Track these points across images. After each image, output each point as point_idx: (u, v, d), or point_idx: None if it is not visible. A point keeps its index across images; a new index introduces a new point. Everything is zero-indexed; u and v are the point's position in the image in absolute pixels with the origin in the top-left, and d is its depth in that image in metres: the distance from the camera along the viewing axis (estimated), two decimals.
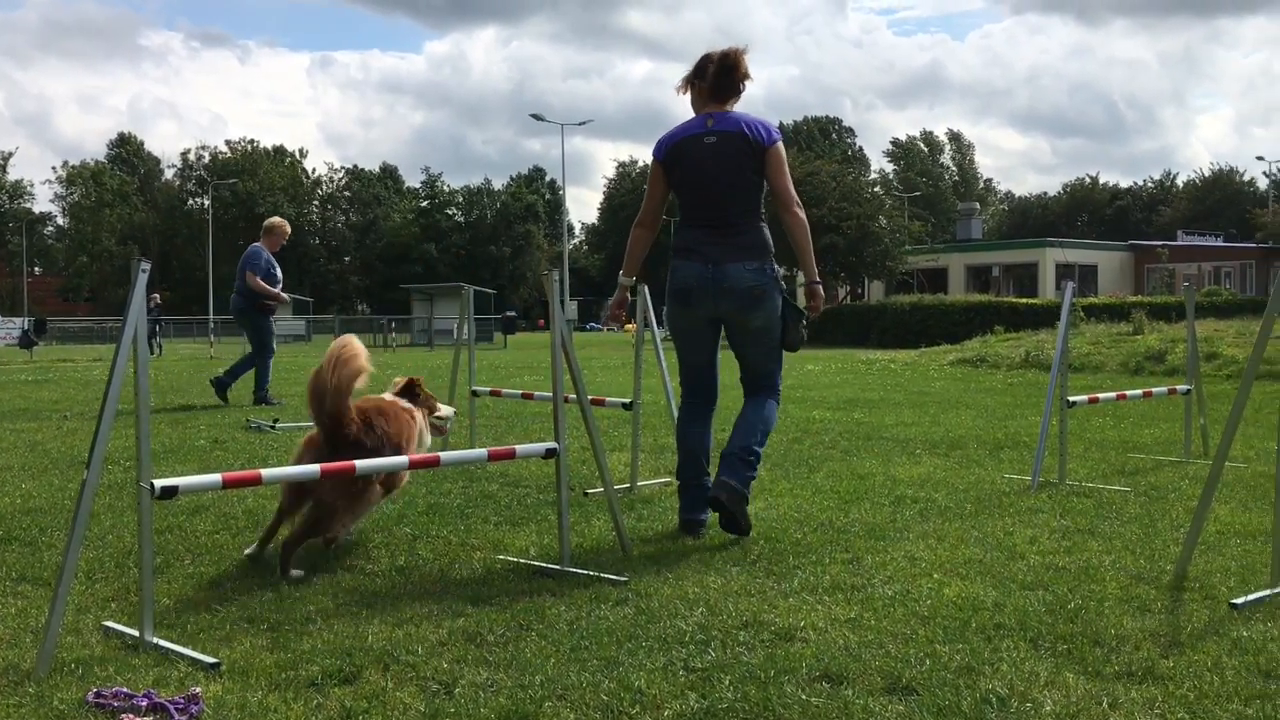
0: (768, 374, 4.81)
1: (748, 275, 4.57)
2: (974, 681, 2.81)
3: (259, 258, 11.33)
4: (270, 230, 11.74)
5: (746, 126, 4.59)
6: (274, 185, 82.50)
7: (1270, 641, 3.11)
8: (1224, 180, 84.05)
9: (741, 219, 4.63)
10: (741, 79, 4.69)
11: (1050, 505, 5.24)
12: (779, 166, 4.58)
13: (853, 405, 10.79)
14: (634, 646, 3.10)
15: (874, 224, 40.77)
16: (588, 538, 4.60)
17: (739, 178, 4.59)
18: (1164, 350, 15.12)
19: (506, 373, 18.29)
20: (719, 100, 4.68)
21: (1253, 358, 3.70)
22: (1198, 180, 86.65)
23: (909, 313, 32.16)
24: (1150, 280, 45.64)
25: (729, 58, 4.66)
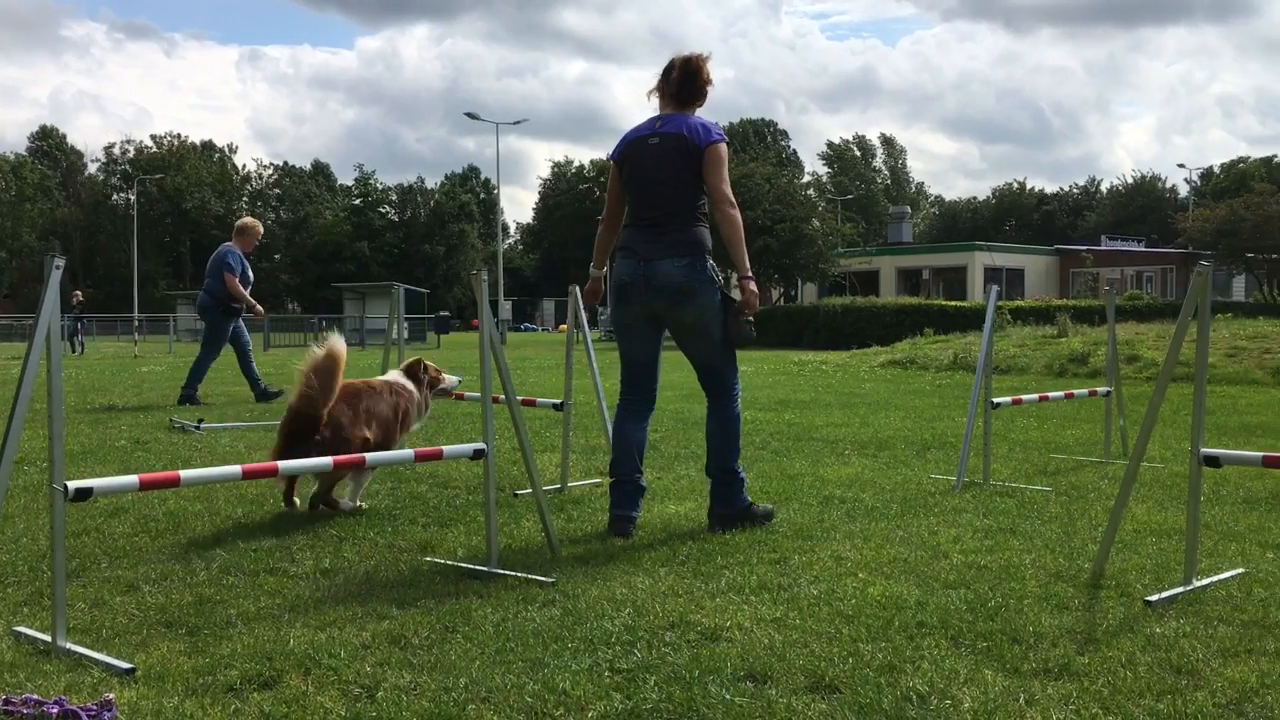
0: (717, 372, 4.87)
1: (676, 272, 4.64)
2: (895, 679, 2.85)
3: (235, 259, 11.21)
4: (243, 231, 11.62)
5: (688, 128, 4.67)
6: (202, 181, 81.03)
7: (1183, 638, 3.19)
8: (1146, 186, 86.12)
9: (676, 217, 4.68)
10: (704, 85, 4.80)
11: (974, 505, 5.32)
12: (713, 166, 4.63)
13: (784, 406, 10.87)
14: (560, 648, 3.09)
15: (807, 226, 41.10)
16: (516, 539, 4.58)
17: (676, 177, 4.66)
18: (1087, 353, 15.45)
19: None
20: (681, 105, 4.80)
21: (1167, 361, 3.80)
22: (1121, 186, 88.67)
23: (841, 315, 32.48)
24: (1075, 284, 46.61)
25: (690, 64, 4.77)
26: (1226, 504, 5.32)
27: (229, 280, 11.03)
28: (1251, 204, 41.36)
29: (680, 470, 6.51)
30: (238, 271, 11.13)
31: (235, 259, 11.17)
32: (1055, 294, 44.14)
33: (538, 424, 8.82)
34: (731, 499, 4.82)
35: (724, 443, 4.85)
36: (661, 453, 7.27)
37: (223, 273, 11.07)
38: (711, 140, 4.65)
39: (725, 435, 4.86)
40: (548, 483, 5.97)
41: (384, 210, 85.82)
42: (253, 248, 11.52)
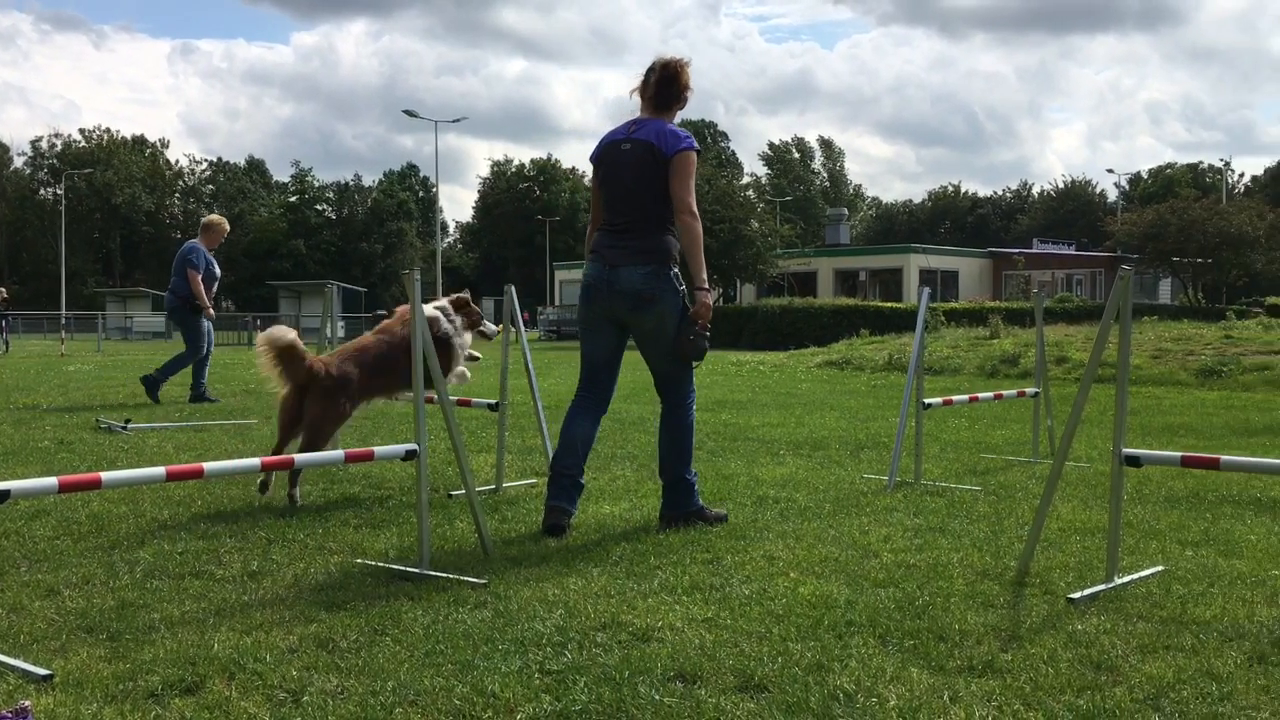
0: (673, 380, 4.90)
1: (638, 279, 4.69)
2: (823, 678, 2.87)
3: (199, 256, 11.10)
4: (208, 228, 11.51)
5: (658, 135, 4.71)
6: (132, 176, 79.46)
7: (1103, 634, 3.26)
8: (1077, 191, 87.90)
9: (642, 224, 4.74)
10: (682, 89, 4.84)
11: (905, 504, 5.39)
12: (678, 174, 4.66)
13: (721, 407, 10.92)
14: (490, 650, 3.08)
15: (746, 227, 41.33)
16: (450, 540, 4.55)
17: (643, 185, 4.71)
18: (1018, 354, 15.72)
19: None
20: (660, 109, 4.84)
21: (1090, 363, 3.88)
22: (1052, 191, 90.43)
23: (779, 315, 32.72)
24: (1008, 286, 47.41)
25: (669, 68, 4.81)
26: (1149, 503, 5.45)
27: (191, 277, 10.95)
28: (1177, 209, 42.37)
29: (616, 471, 6.52)
30: (201, 269, 11.05)
31: (199, 256, 11.10)
32: (988, 296, 44.85)
33: (474, 424, 8.77)
34: (682, 503, 4.85)
35: (676, 450, 4.88)
36: (598, 453, 7.26)
37: (185, 270, 11.00)
38: (678, 149, 4.67)
39: (678, 442, 4.89)
40: (482, 483, 5.94)
41: (321, 208, 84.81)
42: (218, 245, 11.45)
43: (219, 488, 5.61)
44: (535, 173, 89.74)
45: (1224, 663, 2.99)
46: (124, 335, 47.16)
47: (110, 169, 78.43)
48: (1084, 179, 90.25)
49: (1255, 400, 11.47)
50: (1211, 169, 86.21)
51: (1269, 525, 4.87)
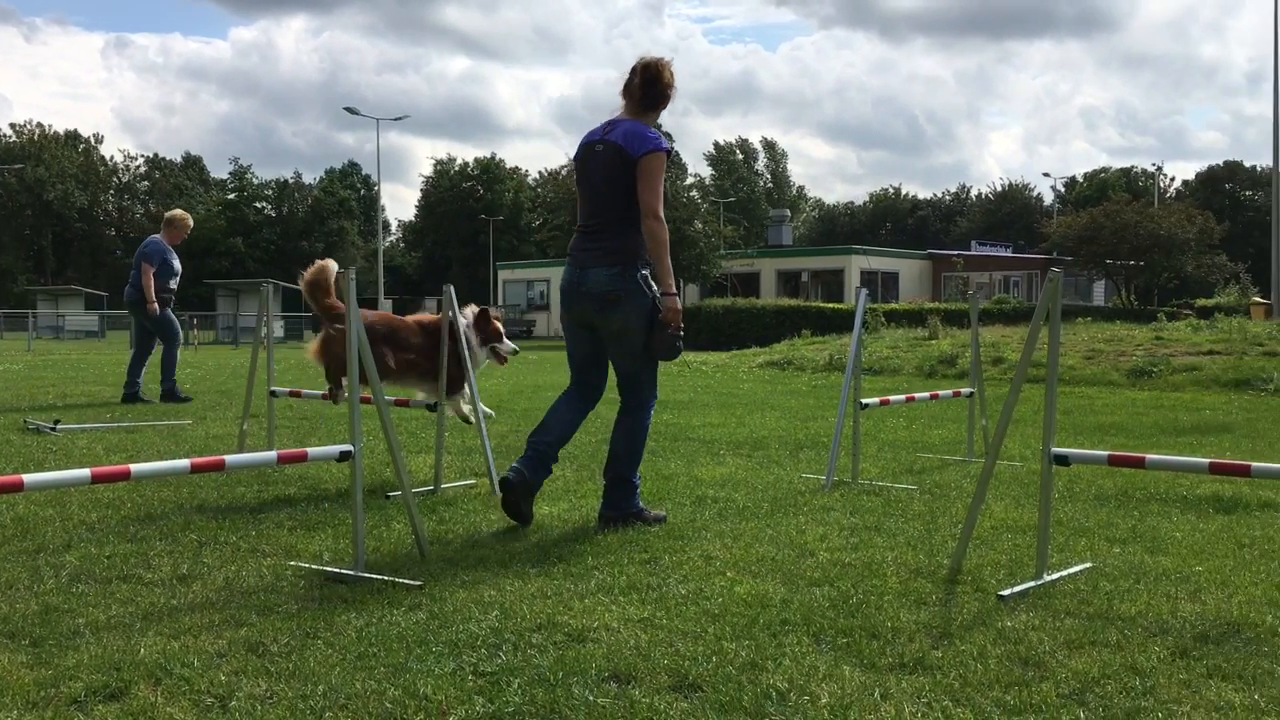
0: (635, 382, 4.91)
1: (604, 280, 4.72)
2: (757, 677, 2.89)
3: (156, 251, 10.99)
4: (171, 223, 11.38)
5: (627, 137, 4.71)
6: (65, 172, 77.77)
7: (1031, 631, 3.31)
8: (1014, 194, 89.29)
9: (611, 226, 4.75)
10: (665, 89, 4.84)
11: (842, 504, 5.43)
12: (644, 177, 4.66)
13: (662, 407, 10.93)
14: (423, 652, 3.06)
15: (690, 228, 41.43)
16: (386, 541, 4.51)
17: (611, 186, 4.72)
18: (955, 354, 15.93)
19: (315, 372, 17.71)
20: (643, 109, 4.85)
21: (1020, 364, 3.94)
22: (990, 194, 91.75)
23: (722, 316, 32.86)
24: (947, 287, 48.05)
25: (650, 69, 4.82)
26: (1079, 501, 5.55)
27: (144, 272, 10.86)
28: (1110, 212, 43.21)
29: (556, 471, 6.47)
30: (155, 264, 10.96)
31: (156, 252, 11.02)
32: (928, 297, 45.42)
33: (413, 424, 8.71)
34: (623, 504, 4.86)
35: (626, 451, 4.88)
36: None
37: (140, 264, 10.94)
38: (644, 151, 4.66)
39: (629, 445, 4.89)
40: (421, 484, 5.90)
41: (260, 205, 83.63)
42: (180, 240, 11.35)
43: (150, 490, 5.51)
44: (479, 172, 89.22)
45: (1147, 658, 3.05)
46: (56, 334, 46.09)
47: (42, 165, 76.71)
48: (1021, 182, 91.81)
49: (1184, 400, 11.73)
50: (1144, 173, 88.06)
51: (1194, 522, 4.98)
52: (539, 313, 53.69)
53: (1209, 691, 2.80)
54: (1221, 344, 14.81)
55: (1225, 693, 2.79)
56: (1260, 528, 4.86)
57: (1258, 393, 12.19)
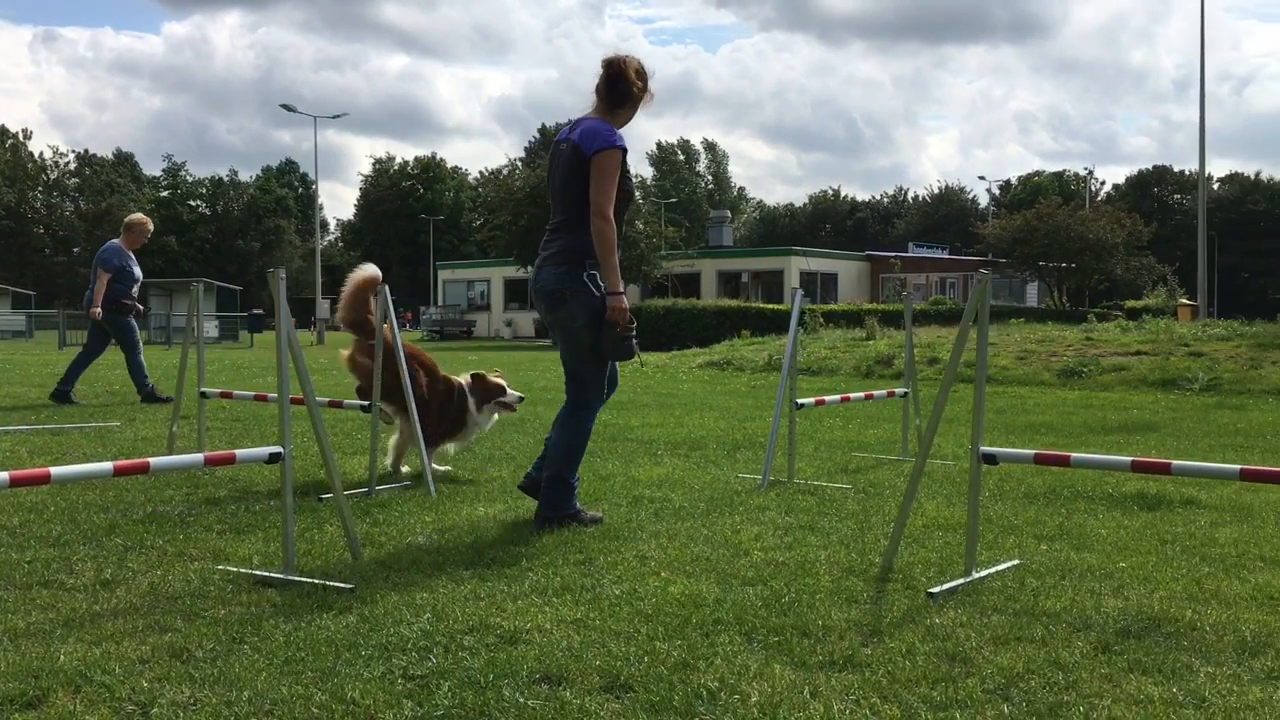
0: (580, 381, 4.91)
1: (553, 278, 4.75)
2: (688, 677, 2.89)
3: (113, 257, 10.88)
4: (130, 227, 11.27)
5: (584, 135, 4.71)
6: None
7: (959, 627, 3.35)
8: (950, 196, 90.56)
9: (568, 225, 4.76)
10: (630, 87, 4.81)
11: (777, 503, 5.47)
12: (594, 175, 4.65)
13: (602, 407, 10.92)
14: (353, 656, 3.02)
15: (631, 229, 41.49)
16: (318, 544, 4.46)
17: (569, 185, 4.73)
18: (892, 355, 16.11)
19: (250, 373, 17.50)
20: (610, 107, 4.84)
21: (950, 365, 3.99)
22: (927, 196, 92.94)
23: (663, 316, 32.92)
24: (885, 289, 48.59)
25: (612, 66, 4.82)
26: (1009, 499, 5.63)
27: (100, 278, 10.78)
28: (1043, 215, 43.98)
29: (493, 472, 6.47)
30: (112, 269, 10.86)
31: (114, 257, 10.92)
32: (866, 298, 45.87)
33: (349, 425, 8.62)
34: (559, 504, 4.84)
35: (564, 452, 4.87)
36: (475, 454, 7.21)
37: (97, 269, 10.86)
38: (596, 148, 4.65)
39: (567, 444, 4.88)
40: (355, 486, 5.84)
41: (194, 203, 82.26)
42: (140, 245, 11.27)
43: (74, 493, 5.39)
44: (419, 171, 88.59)
45: (1071, 653, 3.11)
46: None
47: None
48: (957, 185, 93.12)
49: (1112, 399, 11.97)
50: (1076, 177, 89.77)
51: (1119, 520, 5.08)
52: (479, 313, 53.41)
53: (1129, 685, 2.86)
54: (1149, 345, 15.14)
55: (1145, 686, 2.85)
56: (1182, 524, 4.97)
57: (1183, 392, 12.47)
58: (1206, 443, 8.11)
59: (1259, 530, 4.84)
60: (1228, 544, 4.55)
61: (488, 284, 54.27)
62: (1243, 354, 13.87)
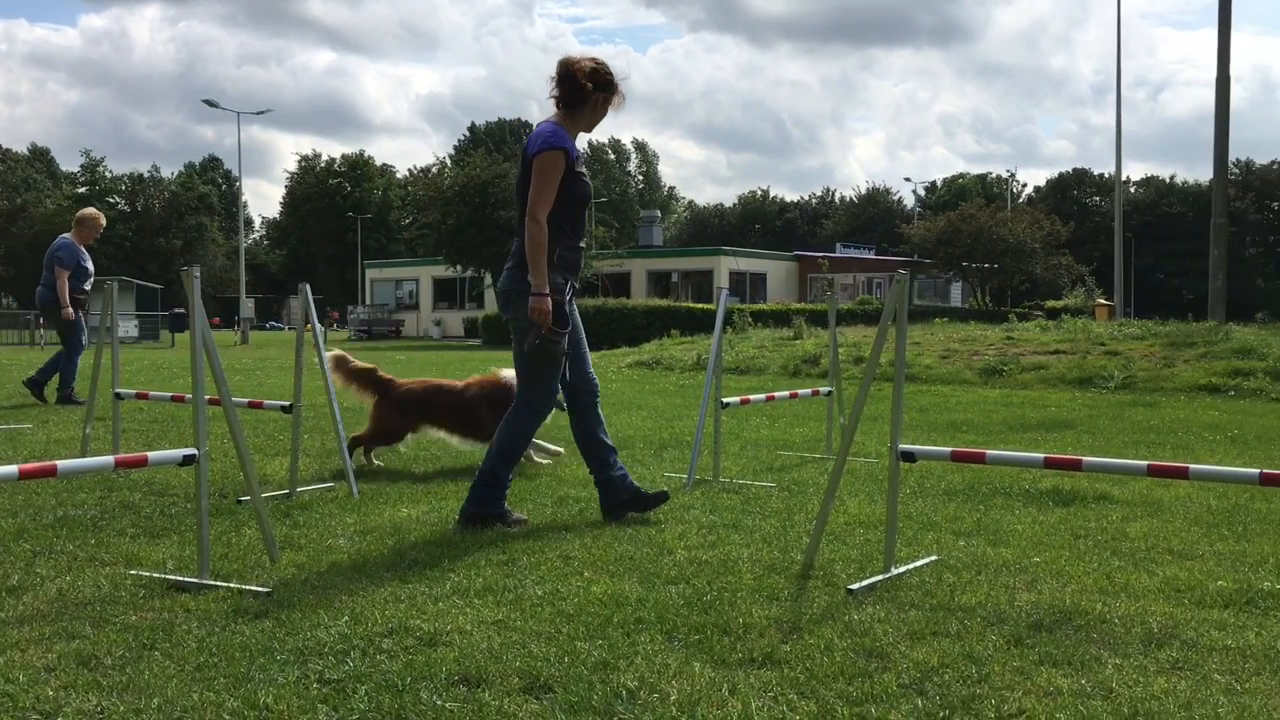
0: (521, 378, 4.95)
1: (505, 279, 4.84)
2: (608, 676, 2.89)
3: (68, 253, 10.66)
4: (82, 222, 11.02)
5: (531, 137, 4.77)
6: None
7: (877, 623, 3.40)
8: (877, 197, 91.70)
9: (520, 227, 4.79)
10: (582, 87, 4.79)
11: (702, 502, 5.49)
12: (535, 175, 4.70)
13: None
14: (267, 661, 2.97)
15: None
16: (235, 548, 4.38)
17: (522, 187, 4.78)
18: (819, 354, 16.26)
19: (171, 373, 17.13)
20: (564, 109, 4.84)
21: (869, 363, 4.04)
22: (854, 197, 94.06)
23: (593, 316, 32.81)
24: (812, 289, 49.09)
25: (561, 67, 4.84)
26: (929, 496, 5.72)
27: (58, 275, 10.59)
28: (966, 217, 44.77)
29: (416, 472, 6.41)
30: (69, 266, 10.67)
31: (68, 253, 10.71)
32: (794, 298, 46.30)
33: (271, 427, 8.48)
34: (488, 501, 4.83)
35: (500, 449, 4.87)
36: (400, 455, 7.14)
37: (54, 266, 10.64)
38: (536, 150, 4.69)
39: (506, 442, 4.88)
40: (276, 487, 5.75)
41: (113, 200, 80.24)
42: (92, 239, 11.04)
43: None
44: (346, 169, 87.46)
45: (984, 647, 3.17)
46: None
47: None
48: (884, 186, 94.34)
49: (1031, 397, 12.21)
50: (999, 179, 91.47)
51: (1035, 515, 5.19)
52: (408, 312, 52.91)
53: (1040, 678, 2.92)
54: (1067, 344, 15.47)
55: (1055, 678, 2.91)
56: (1095, 519, 5.09)
57: (1099, 390, 12.77)
58: (1120, 439, 8.31)
59: (1168, 524, 4.97)
60: (1138, 538, 4.67)
61: (416, 283, 53.80)
62: (1156, 353, 14.24)
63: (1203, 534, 4.77)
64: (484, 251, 37.78)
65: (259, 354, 25.82)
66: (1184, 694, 2.80)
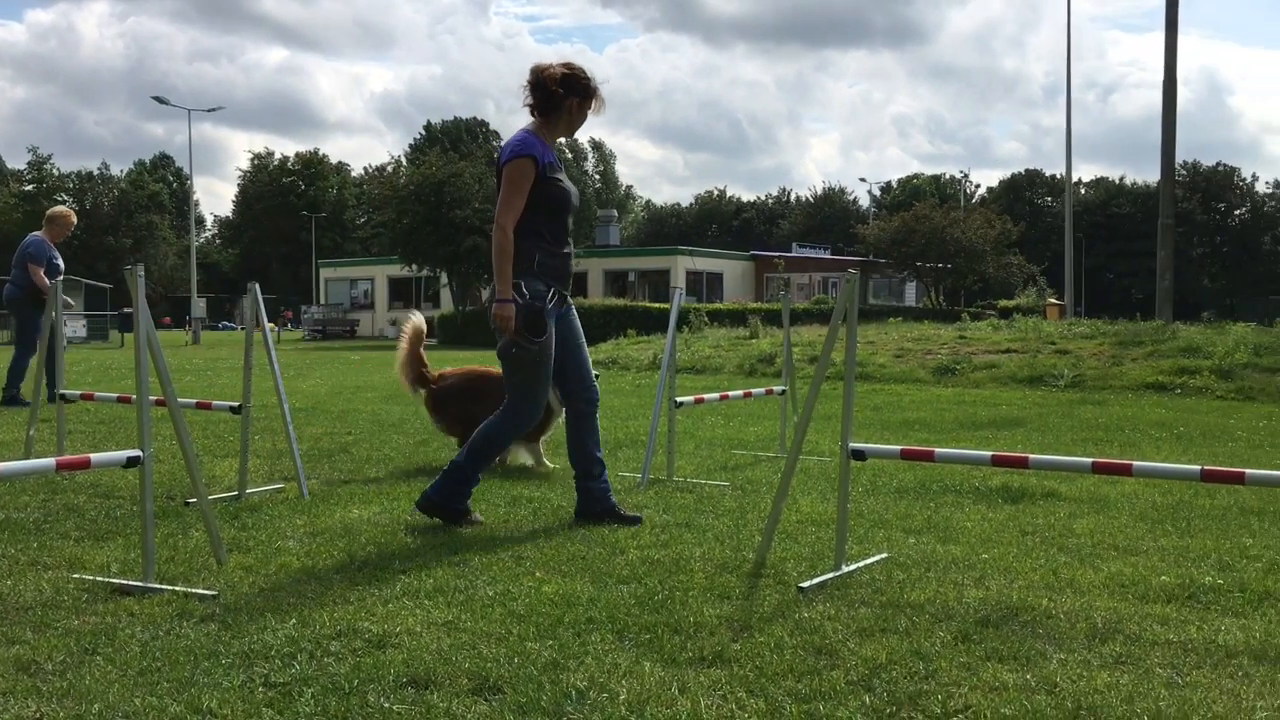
0: (507, 382, 4.92)
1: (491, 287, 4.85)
2: (558, 676, 2.89)
3: (41, 249, 10.55)
4: (53, 220, 10.93)
5: (503, 146, 4.78)
6: None
7: (827, 620, 3.42)
8: (833, 198, 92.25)
9: None
10: (553, 93, 4.75)
11: (656, 501, 5.50)
12: (503, 184, 4.71)
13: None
14: (212, 665, 2.94)
15: None
16: (182, 551, 4.32)
17: (496, 194, 4.79)
18: (774, 353, 16.34)
19: (119, 373, 16.88)
20: (538, 115, 4.81)
21: (820, 362, 4.06)
22: (810, 197, 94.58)
23: None
24: (769, 288, 49.30)
25: (532, 75, 4.80)
26: (881, 494, 5.76)
27: (33, 271, 10.46)
28: (920, 217, 45.17)
29: (369, 473, 6.36)
30: (43, 262, 10.55)
31: (39, 249, 10.61)
32: (751, 297, 46.48)
33: (221, 428, 8.37)
34: (450, 495, 4.82)
35: (475, 447, 4.86)
36: (353, 455, 7.08)
37: (27, 264, 10.54)
38: (504, 159, 4.71)
39: (482, 441, 4.87)
40: (225, 489, 5.68)
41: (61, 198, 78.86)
42: (63, 238, 10.93)
43: None
44: (300, 167, 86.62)
45: (932, 643, 3.20)
46: None
47: None
48: (839, 186, 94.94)
49: (983, 396, 12.34)
50: (953, 180, 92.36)
51: (984, 512, 5.24)
52: (362, 312, 52.49)
53: (986, 673, 2.95)
54: (1018, 343, 15.65)
55: (1001, 674, 2.94)
56: (1043, 516, 5.15)
57: (1049, 388, 12.93)
58: (1069, 437, 8.42)
59: (1114, 521, 5.05)
60: (1084, 534, 4.73)
61: (371, 283, 53.37)
62: (1105, 352, 14.45)
63: (1147, 530, 4.85)
64: (439, 251, 37.53)
65: (211, 354, 25.52)
66: (1126, 688, 2.84)
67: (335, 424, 9.07)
